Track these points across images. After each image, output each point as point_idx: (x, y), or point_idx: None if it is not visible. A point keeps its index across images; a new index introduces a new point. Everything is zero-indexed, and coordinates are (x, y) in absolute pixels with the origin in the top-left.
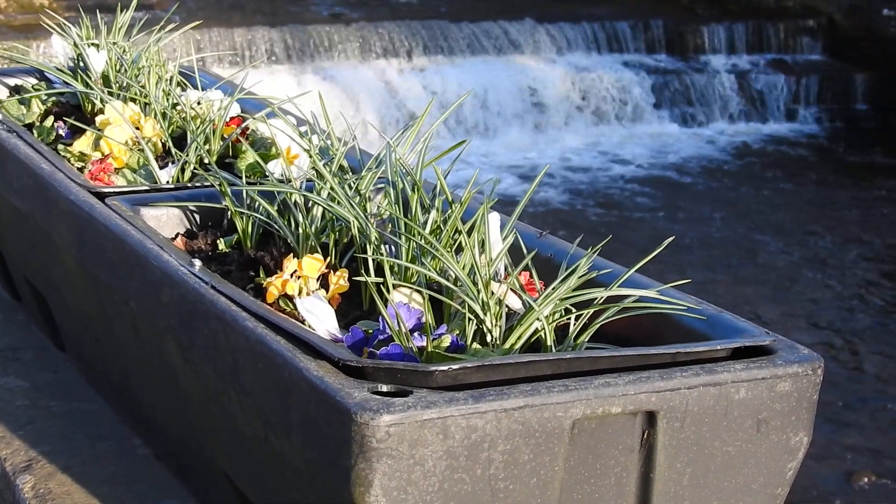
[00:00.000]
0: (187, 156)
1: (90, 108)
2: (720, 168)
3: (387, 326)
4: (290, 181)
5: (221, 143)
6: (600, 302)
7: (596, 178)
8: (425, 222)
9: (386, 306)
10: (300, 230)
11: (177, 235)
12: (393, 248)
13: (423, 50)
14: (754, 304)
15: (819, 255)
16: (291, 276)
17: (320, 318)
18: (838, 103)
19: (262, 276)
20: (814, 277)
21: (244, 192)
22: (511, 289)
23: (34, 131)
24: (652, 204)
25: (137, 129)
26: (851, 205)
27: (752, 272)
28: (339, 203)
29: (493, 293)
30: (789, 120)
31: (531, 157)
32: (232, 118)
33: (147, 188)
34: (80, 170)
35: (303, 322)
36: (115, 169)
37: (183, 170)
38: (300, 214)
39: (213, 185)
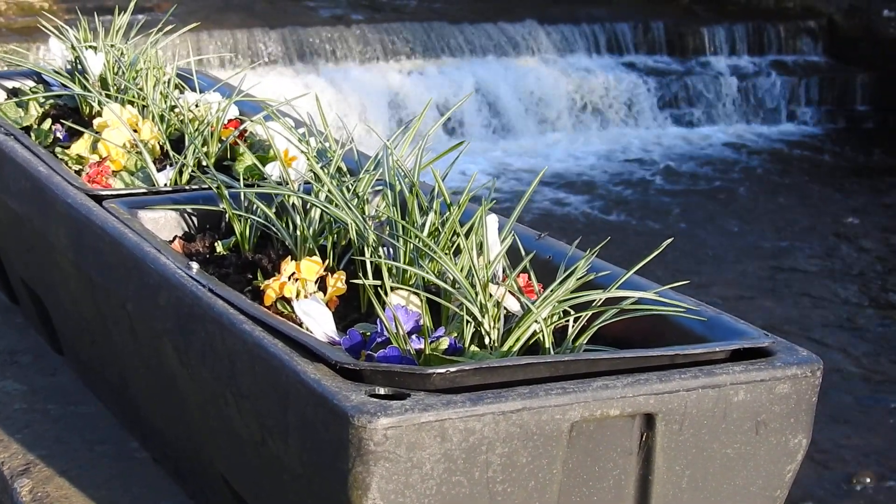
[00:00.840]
0: (185, 158)
1: (88, 110)
2: (720, 169)
3: (384, 329)
4: (287, 184)
5: (219, 145)
6: (599, 304)
7: (595, 180)
8: (423, 224)
9: (384, 309)
10: (298, 233)
11: (174, 238)
12: (391, 250)
13: (423, 52)
14: (754, 306)
15: (819, 256)
16: (289, 278)
17: (318, 321)
18: (838, 104)
19: (259, 278)
20: (813, 278)
21: (242, 194)
22: (509, 291)
23: (31, 134)
24: (652, 205)
25: (135, 131)
26: (851, 206)
27: (752, 273)
28: (336, 205)
29: (491, 295)
30: (789, 121)
31: (531, 159)
32: (230, 120)
33: (145, 191)
34: (78, 172)
35: (300, 325)
36: (113, 171)
37: (181, 172)
38: (298, 217)
39: (210, 188)
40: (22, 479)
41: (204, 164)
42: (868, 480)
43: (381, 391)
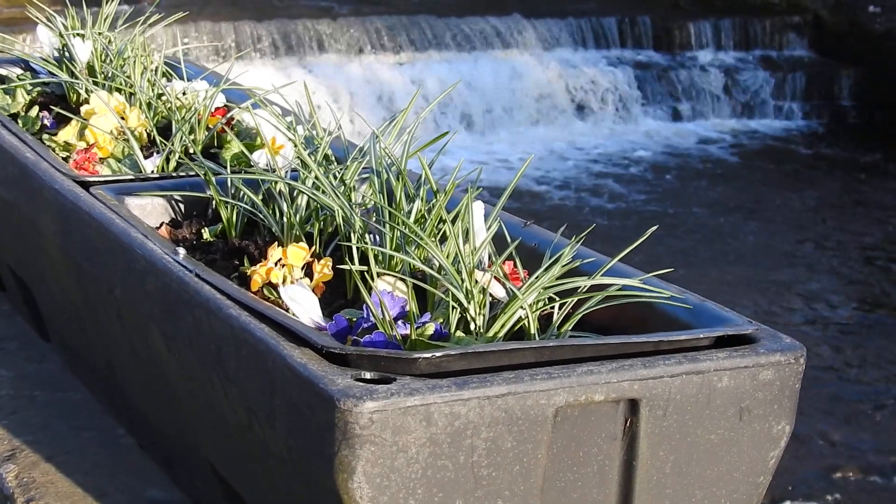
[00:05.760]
0: (172, 145)
1: (75, 98)
2: (706, 163)
3: (370, 314)
4: (275, 171)
5: (206, 133)
6: (584, 291)
7: (581, 173)
8: (410, 211)
9: (370, 294)
10: (285, 219)
11: (161, 224)
12: (377, 237)
13: (409, 45)
14: (738, 297)
15: (804, 250)
16: (276, 264)
17: (304, 307)
18: (824, 99)
19: (246, 264)
20: (798, 272)
21: (229, 181)
22: (495, 277)
23: (19, 121)
24: (637, 198)
25: (122, 118)
26: (836, 200)
27: (737, 265)
28: (323, 192)
29: (476, 281)
30: (775, 116)
31: (516, 151)
32: (217, 108)
33: (132, 177)
34: (65, 159)
35: (287, 310)
36: (100, 158)
37: (168, 159)
38: (285, 204)
39: (197, 175)
40: (8, 465)
41: (191, 151)
42: (852, 475)
43: (367, 375)
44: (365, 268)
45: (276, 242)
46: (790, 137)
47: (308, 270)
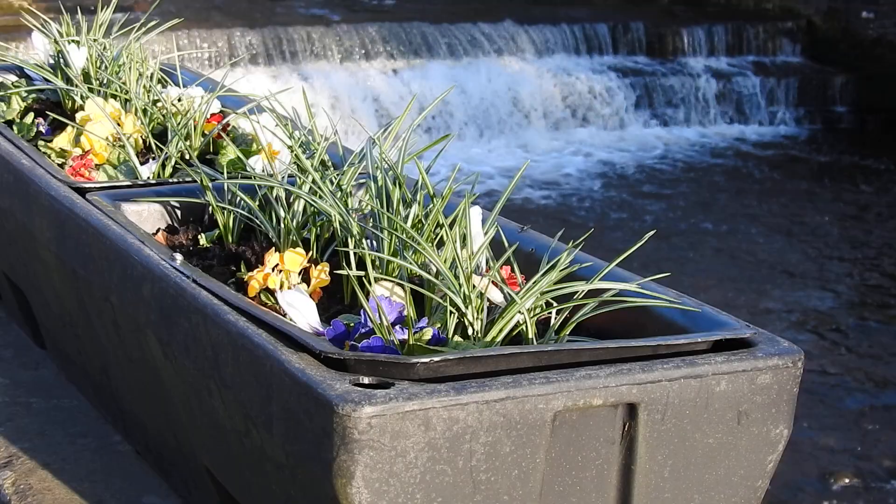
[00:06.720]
0: (168, 151)
1: (71, 104)
2: (700, 169)
3: (368, 319)
4: (271, 176)
5: (202, 139)
6: (581, 296)
7: (575, 179)
8: (407, 216)
9: (367, 300)
10: (282, 225)
11: (158, 231)
12: (374, 242)
13: (402, 52)
14: (735, 302)
15: (798, 256)
16: (273, 270)
17: (302, 312)
18: (817, 105)
19: (243, 270)
20: (793, 277)
21: (225, 187)
22: (493, 282)
23: (14, 128)
24: (631, 204)
25: (118, 125)
26: (829, 206)
27: (732, 271)
28: (320, 197)
29: (474, 286)
30: (768, 122)
31: (511, 158)
32: (213, 115)
33: (128, 183)
34: (61, 166)
35: (284, 316)
36: (96, 165)
37: (164, 166)
38: (282, 209)
39: (194, 181)
40: (4, 472)
41: (187, 157)
42: (846, 481)
43: (366, 380)
44: (362, 273)
45: (273, 248)
46: (783, 143)
47: (305, 276)
